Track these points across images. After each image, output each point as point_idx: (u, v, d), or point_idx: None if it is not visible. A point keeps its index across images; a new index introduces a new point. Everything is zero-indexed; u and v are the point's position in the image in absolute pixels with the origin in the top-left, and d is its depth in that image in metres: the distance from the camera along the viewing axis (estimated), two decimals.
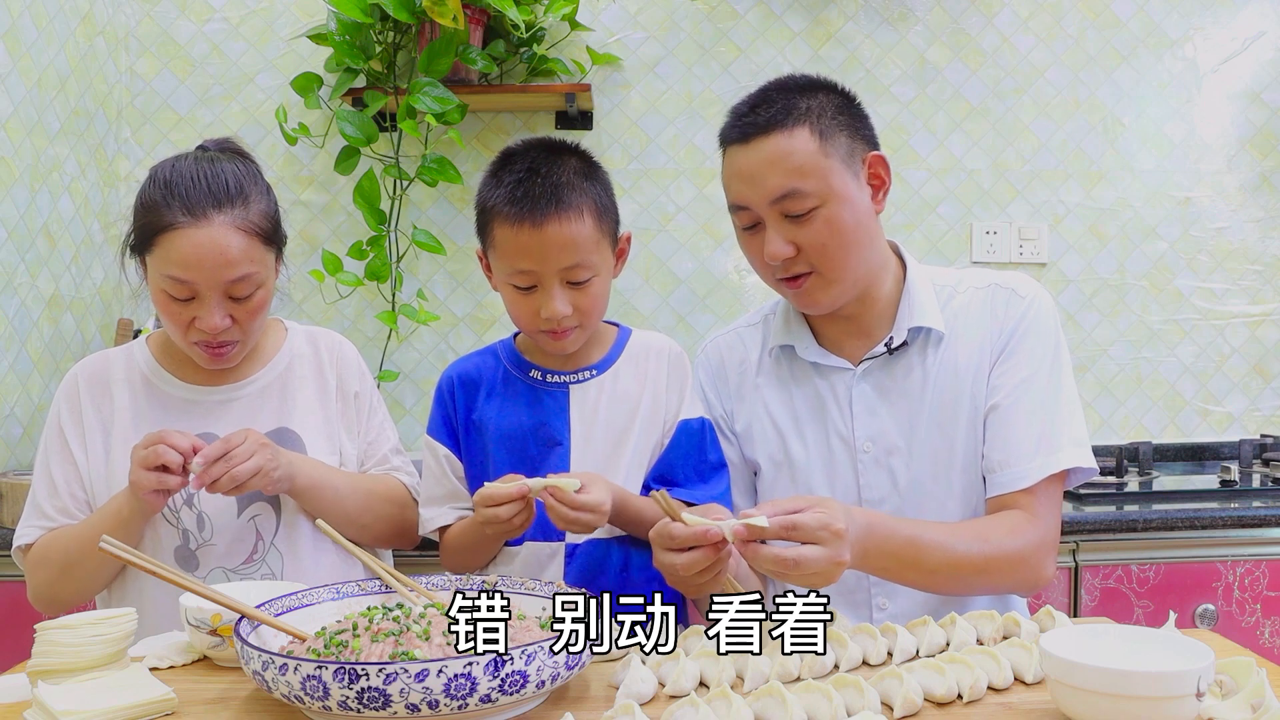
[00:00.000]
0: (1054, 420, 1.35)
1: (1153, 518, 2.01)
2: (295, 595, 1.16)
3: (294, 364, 1.56)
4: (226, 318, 1.39)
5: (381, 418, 1.62)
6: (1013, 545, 1.29)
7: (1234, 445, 2.57)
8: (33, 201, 2.09)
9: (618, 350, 1.48)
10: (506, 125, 2.55)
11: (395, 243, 2.44)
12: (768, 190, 1.31)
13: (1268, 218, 2.66)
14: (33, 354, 2.09)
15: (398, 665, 0.88)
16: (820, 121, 1.32)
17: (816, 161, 1.31)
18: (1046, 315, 1.41)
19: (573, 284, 1.35)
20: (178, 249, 1.35)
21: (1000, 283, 1.43)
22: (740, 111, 1.36)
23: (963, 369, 1.38)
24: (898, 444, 1.39)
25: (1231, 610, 2.02)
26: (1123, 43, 2.63)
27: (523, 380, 1.45)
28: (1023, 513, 1.32)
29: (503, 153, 1.40)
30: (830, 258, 1.33)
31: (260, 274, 1.41)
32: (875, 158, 1.38)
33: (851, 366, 1.43)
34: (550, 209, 1.31)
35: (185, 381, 1.50)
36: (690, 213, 2.58)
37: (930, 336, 1.40)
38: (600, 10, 2.54)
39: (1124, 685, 0.88)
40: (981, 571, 1.28)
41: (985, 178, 2.62)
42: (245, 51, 2.52)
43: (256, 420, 1.49)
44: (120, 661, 1.09)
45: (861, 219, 1.35)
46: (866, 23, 2.59)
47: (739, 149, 1.35)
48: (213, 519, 1.44)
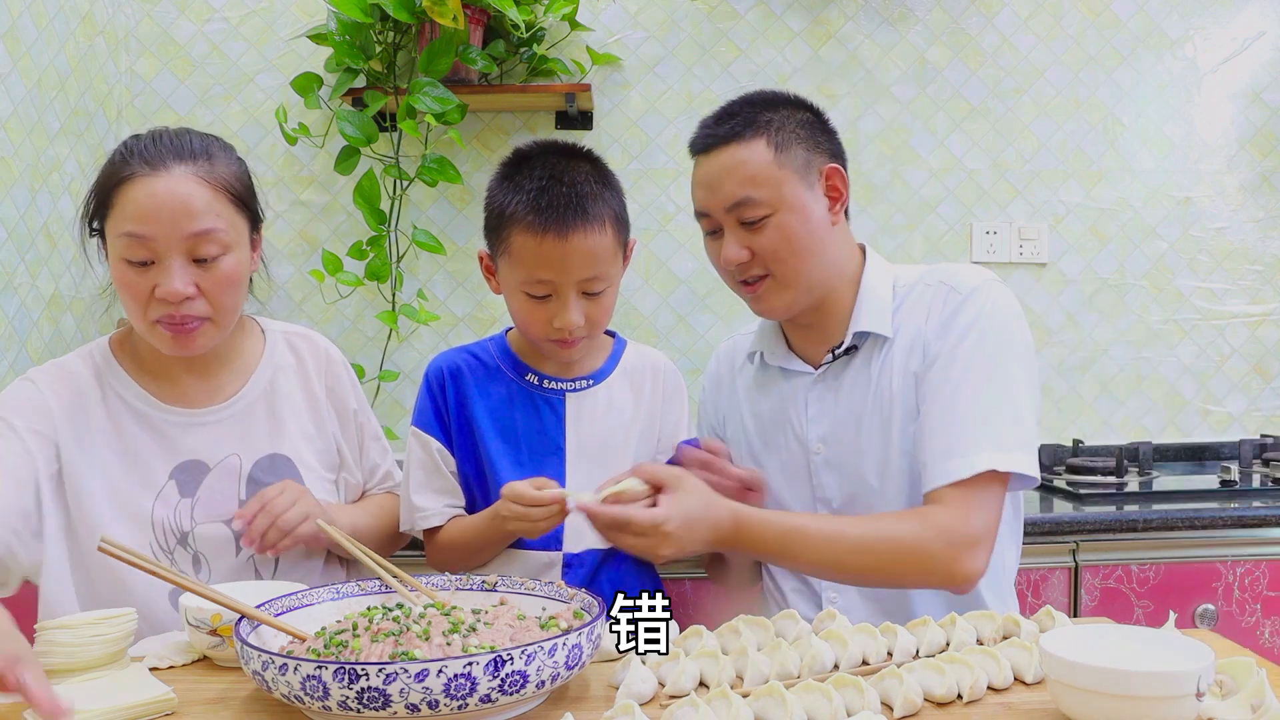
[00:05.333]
0: (980, 421, 1.31)
1: (1153, 518, 2.01)
2: (295, 595, 1.16)
3: (279, 377, 1.46)
4: (190, 284, 1.27)
5: (375, 429, 1.56)
6: (910, 534, 1.28)
7: (1234, 445, 2.56)
8: (33, 201, 2.09)
9: (614, 362, 1.49)
10: (506, 125, 2.55)
11: (395, 243, 2.44)
12: (723, 197, 1.38)
13: (1268, 218, 2.66)
14: (33, 354, 2.09)
15: (398, 665, 0.88)
16: (779, 134, 1.37)
17: (770, 172, 1.36)
18: (990, 311, 1.36)
19: (587, 294, 1.35)
20: (134, 199, 1.25)
21: (945, 278, 1.42)
22: (706, 123, 1.43)
23: (898, 369, 1.40)
24: (846, 446, 1.42)
25: (1231, 610, 2.02)
26: (1123, 43, 2.63)
27: (518, 383, 1.45)
28: (941, 507, 1.30)
29: (515, 154, 1.40)
30: (783, 263, 1.37)
31: (226, 235, 1.29)
32: (831, 170, 1.41)
33: (812, 370, 1.47)
34: (576, 220, 1.31)
35: (163, 401, 1.38)
36: (690, 213, 2.54)
37: (878, 340, 1.42)
38: (600, 10, 2.54)
39: (1124, 685, 0.88)
40: (872, 564, 1.28)
41: (985, 178, 2.62)
42: (245, 51, 2.52)
43: (247, 445, 1.40)
44: (120, 661, 1.09)
45: (814, 228, 1.38)
46: (866, 23, 2.59)
47: (703, 158, 1.41)
48: (210, 559, 1.36)
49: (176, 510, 1.36)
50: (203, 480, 1.38)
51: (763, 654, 1.07)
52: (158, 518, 1.36)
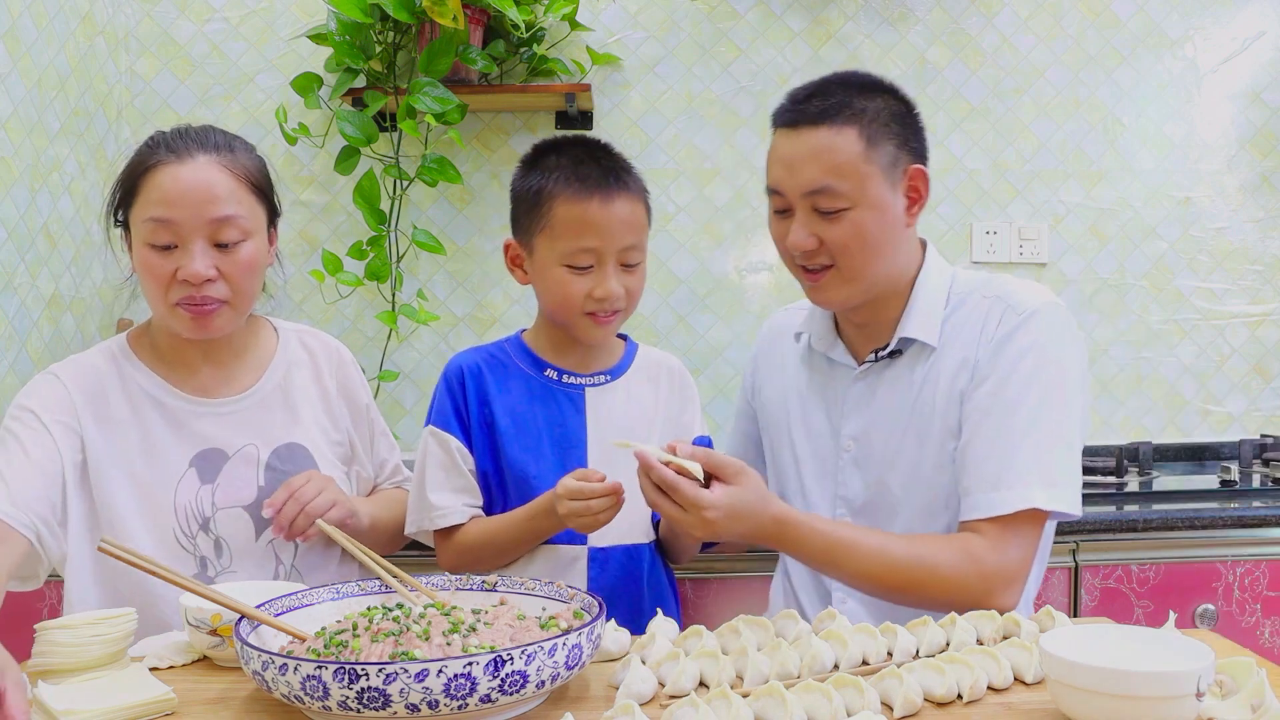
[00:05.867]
0: (1028, 454, 1.27)
1: (1153, 518, 2.00)
2: (295, 595, 1.16)
3: (293, 371, 1.50)
4: (211, 267, 1.32)
5: (383, 426, 1.60)
6: (951, 565, 1.25)
7: (1234, 445, 2.56)
8: (33, 201, 2.09)
9: (629, 360, 1.49)
10: (506, 125, 2.55)
11: (395, 243, 2.44)
12: (803, 181, 1.32)
13: (1268, 218, 2.66)
14: (33, 354, 2.09)
15: (398, 665, 0.89)
16: (871, 126, 1.32)
17: (856, 165, 1.31)
18: (1043, 334, 1.32)
19: (626, 266, 1.38)
20: (159, 186, 1.31)
21: (1004, 294, 1.37)
22: (796, 97, 1.36)
23: (944, 384, 1.36)
24: (876, 447, 1.40)
25: (1231, 610, 2.02)
26: (1123, 43, 2.63)
27: (537, 378, 1.45)
28: (981, 539, 1.27)
29: (536, 147, 1.43)
30: (851, 258, 1.33)
31: (247, 222, 1.35)
32: (916, 171, 1.36)
33: (856, 365, 1.44)
34: (617, 186, 1.36)
35: (181, 391, 1.42)
36: (690, 213, 2.57)
37: (924, 348, 1.39)
38: (600, 10, 2.54)
39: (1124, 685, 0.88)
40: (910, 585, 1.27)
41: (985, 178, 2.62)
42: (245, 51, 2.52)
43: (264, 434, 1.44)
44: (120, 661, 1.10)
45: (889, 228, 1.34)
46: (866, 23, 2.59)
47: (786, 134, 1.35)
48: (231, 544, 1.39)
49: (198, 496, 1.39)
50: (222, 467, 1.42)
51: (763, 654, 1.07)
52: (180, 504, 1.38)
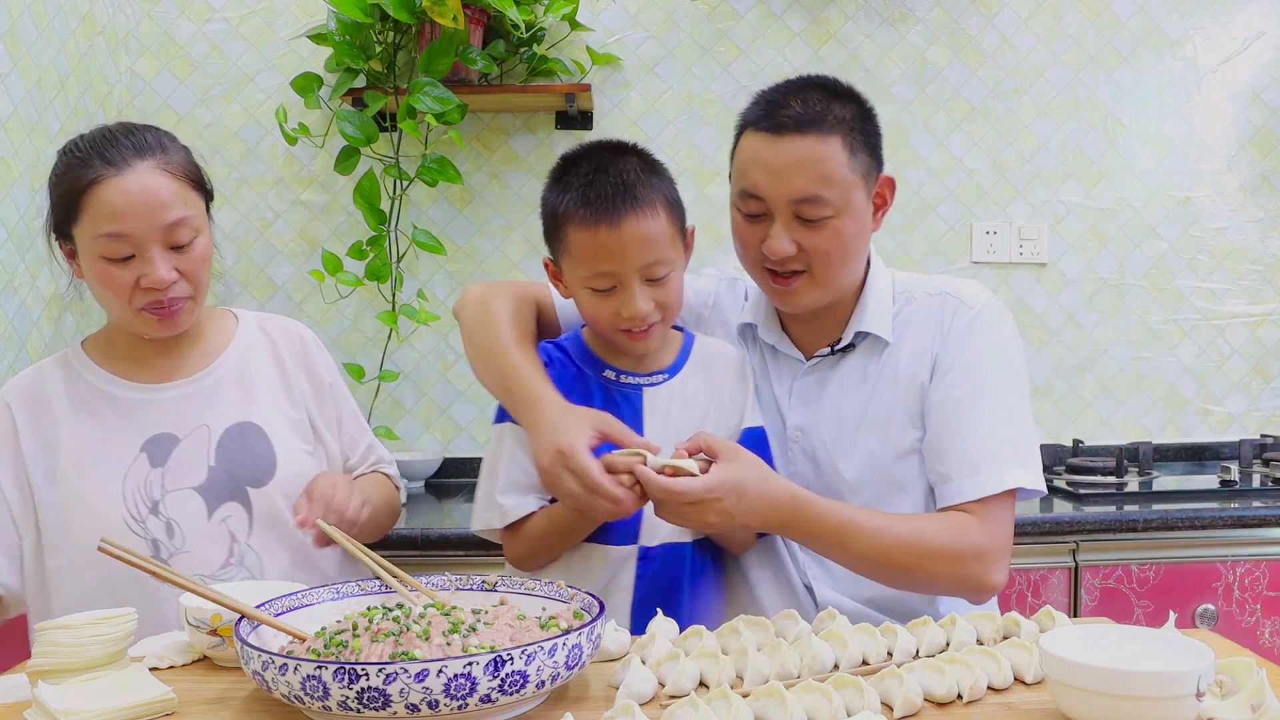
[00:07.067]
0: (1001, 438, 1.34)
1: (1153, 518, 2.01)
2: (295, 595, 1.16)
3: (249, 353, 1.50)
4: (172, 270, 1.33)
5: (353, 406, 1.59)
6: (951, 542, 1.30)
7: (1234, 445, 2.57)
8: (33, 201, 2.09)
9: (685, 354, 1.48)
10: (506, 125, 2.55)
11: (395, 243, 2.44)
12: (790, 190, 1.32)
13: (1268, 218, 2.66)
14: (33, 354, 2.09)
15: (398, 665, 0.88)
16: (851, 135, 1.33)
17: (843, 175, 1.32)
18: (995, 327, 1.39)
19: (651, 281, 1.34)
20: (107, 201, 1.29)
21: (951, 291, 1.43)
22: (774, 100, 1.35)
23: (902, 376, 1.40)
24: (826, 437, 1.42)
25: (1231, 610, 2.02)
26: (1123, 43, 2.63)
27: (595, 378, 1.44)
28: (972, 517, 1.32)
29: (563, 159, 1.39)
30: (828, 265, 1.35)
31: (196, 219, 1.36)
32: (885, 179, 1.40)
33: (804, 360, 1.46)
34: (626, 207, 1.31)
35: (132, 381, 1.43)
36: (690, 213, 2.53)
37: (876, 342, 1.42)
38: (600, 10, 2.54)
39: (1124, 685, 0.88)
40: (913, 563, 1.29)
41: (985, 178, 2.62)
42: (245, 51, 2.52)
43: (216, 415, 1.43)
44: (120, 661, 1.09)
45: (863, 235, 1.38)
46: (866, 23, 2.59)
47: (768, 139, 1.33)
48: (182, 525, 1.38)
49: (146, 480, 1.39)
50: (172, 451, 1.41)
51: (763, 654, 1.07)
52: (128, 490, 1.38)
